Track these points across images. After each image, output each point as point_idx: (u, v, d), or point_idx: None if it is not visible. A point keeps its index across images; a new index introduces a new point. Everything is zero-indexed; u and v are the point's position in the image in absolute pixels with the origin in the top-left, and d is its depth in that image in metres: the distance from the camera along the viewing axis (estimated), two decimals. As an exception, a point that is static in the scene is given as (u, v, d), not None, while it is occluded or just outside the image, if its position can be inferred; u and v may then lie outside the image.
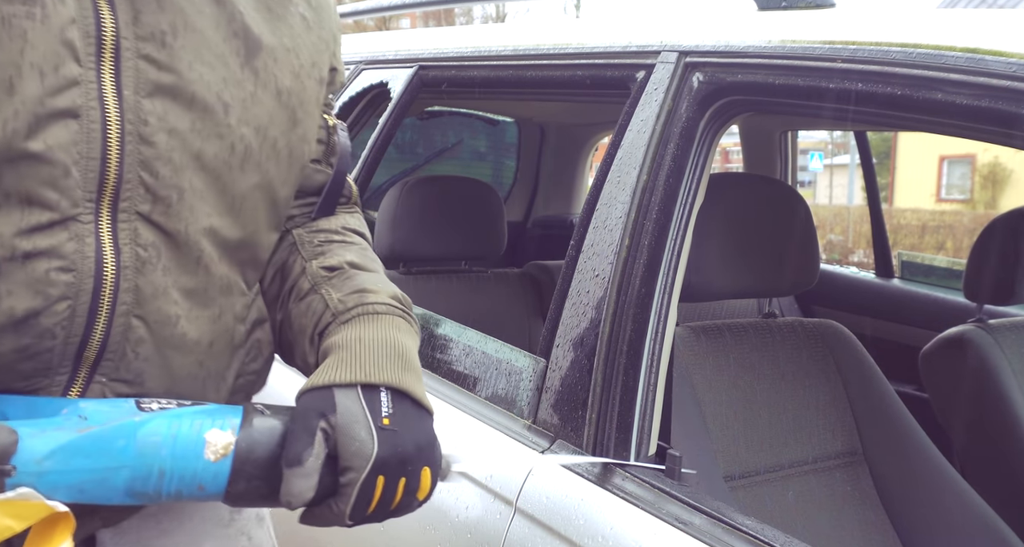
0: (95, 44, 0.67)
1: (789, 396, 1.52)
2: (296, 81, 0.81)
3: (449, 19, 13.41)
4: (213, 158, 0.74)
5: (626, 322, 1.12)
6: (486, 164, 3.43)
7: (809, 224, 1.54)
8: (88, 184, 0.68)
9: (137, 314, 0.72)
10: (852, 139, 3.14)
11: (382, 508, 0.73)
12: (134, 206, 0.70)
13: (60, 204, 0.67)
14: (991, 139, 1.12)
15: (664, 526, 0.98)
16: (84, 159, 0.67)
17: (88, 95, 0.67)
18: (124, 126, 0.68)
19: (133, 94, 0.69)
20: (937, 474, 1.49)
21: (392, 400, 0.74)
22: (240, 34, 0.76)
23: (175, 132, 0.71)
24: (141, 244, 0.71)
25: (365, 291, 0.83)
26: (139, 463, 0.66)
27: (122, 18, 0.69)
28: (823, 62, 1.05)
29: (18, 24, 0.63)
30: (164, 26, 0.71)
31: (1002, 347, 1.76)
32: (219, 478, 0.69)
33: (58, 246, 0.67)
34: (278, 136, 0.79)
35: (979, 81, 0.91)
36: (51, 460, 0.64)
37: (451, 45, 1.72)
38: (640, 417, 1.09)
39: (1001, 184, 18.09)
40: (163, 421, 0.68)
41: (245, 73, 0.76)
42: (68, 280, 0.68)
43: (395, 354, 0.77)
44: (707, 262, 1.37)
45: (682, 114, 1.17)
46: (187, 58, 0.72)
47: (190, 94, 0.72)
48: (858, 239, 12.06)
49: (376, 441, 0.71)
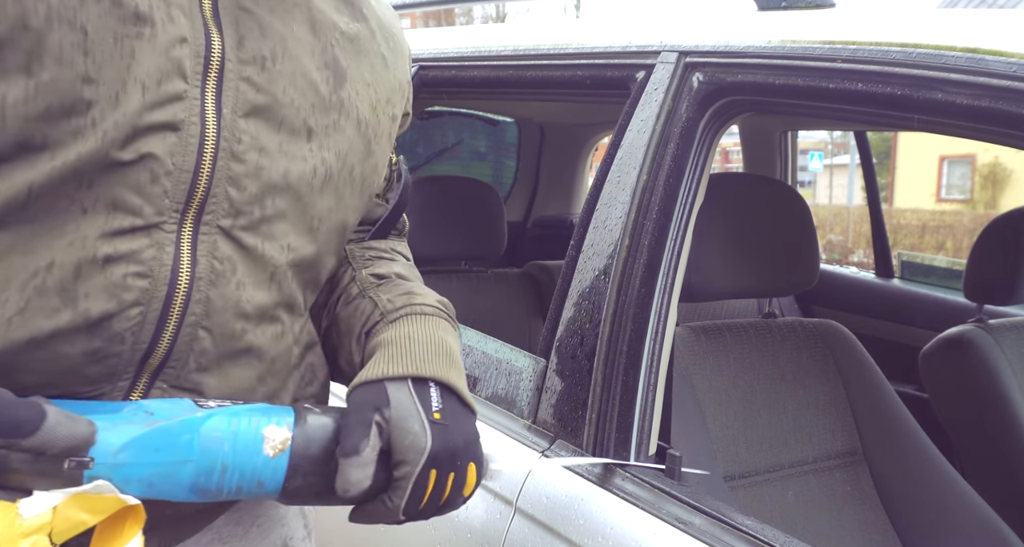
0: (203, 64, 0.70)
1: (789, 396, 1.52)
2: (373, 114, 0.84)
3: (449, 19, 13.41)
4: (297, 179, 0.76)
5: (626, 322, 1.12)
6: (486, 164, 3.43)
7: (809, 224, 1.54)
8: (177, 195, 0.70)
9: (204, 325, 0.73)
10: (852, 139, 3.14)
11: (432, 503, 0.74)
12: (216, 220, 0.72)
13: (144, 210, 0.68)
14: (991, 139, 1.12)
15: (664, 526, 0.98)
16: (177, 170, 0.69)
17: (191, 110, 0.70)
18: (219, 142, 0.71)
19: (231, 113, 0.72)
20: (937, 474, 1.49)
21: (441, 395, 0.75)
22: (330, 64, 0.79)
23: (265, 151, 0.74)
24: (218, 257, 0.73)
25: (413, 293, 0.86)
26: (203, 458, 0.67)
27: (228, 42, 0.72)
28: (823, 62, 1.05)
29: (128, 43, 0.66)
30: (265, 52, 0.74)
31: (1002, 347, 1.76)
32: (277, 473, 0.69)
33: (138, 251, 0.68)
34: (355, 163, 0.82)
35: (979, 81, 0.91)
36: (125, 452, 0.65)
37: (451, 45, 1.72)
38: (640, 417, 1.09)
39: (1001, 184, 18.09)
40: (223, 417, 0.69)
41: (332, 101, 0.79)
42: (143, 286, 0.69)
43: (442, 351, 0.79)
44: (707, 262, 1.37)
45: (682, 114, 1.17)
46: (283, 83, 0.75)
47: (281, 117, 0.75)
48: (858, 239, 12.07)
49: (429, 435, 0.71)
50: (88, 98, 0.65)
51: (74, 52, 0.64)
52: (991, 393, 1.73)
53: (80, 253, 0.66)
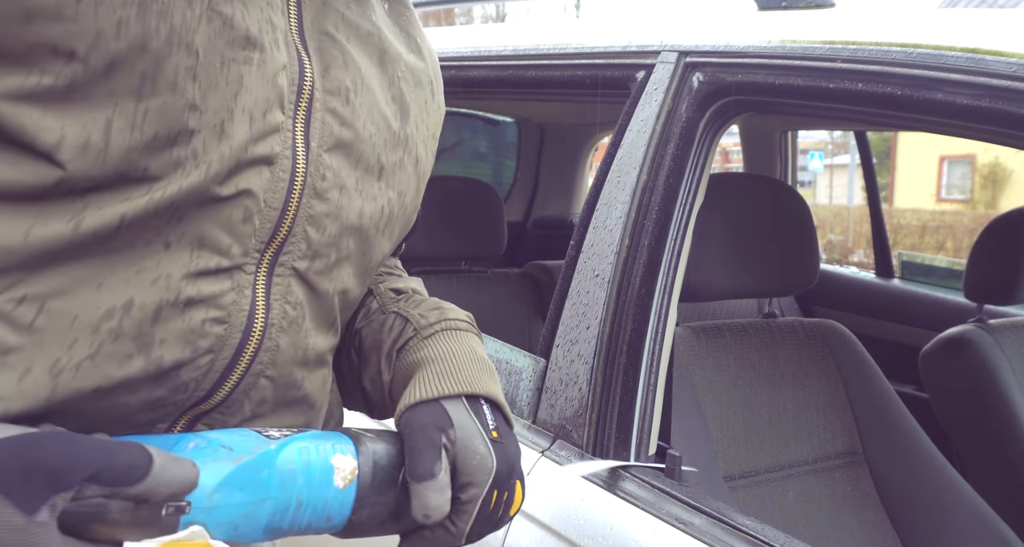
0: (296, 92, 0.66)
1: (789, 396, 1.52)
2: (426, 151, 0.80)
3: (449, 19, 13.41)
4: (368, 220, 0.72)
5: (626, 322, 1.12)
6: (486, 164, 3.43)
7: (809, 224, 1.54)
8: (263, 234, 0.64)
9: (268, 374, 0.68)
10: (852, 139, 3.14)
11: (489, 524, 0.71)
12: (292, 261, 0.67)
13: (232, 250, 0.63)
14: (991, 139, 1.12)
15: (664, 526, 0.98)
16: (268, 208, 0.64)
17: (285, 143, 0.65)
18: (306, 179, 0.66)
19: (318, 146, 0.67)
20: (937, 474, 1.49)
21: (492, 412, 0.73)
22: (397, 99, 0.75)
23: (344, 189, 0.69)
24: (291, 302, 0.68)
25: (443, 308, 0.82)
26: (281, 494, 0.61)
27: (316, 69, 0.67)
28: (823, 62, 1.05)
29: (236, 69, 0.61)
30: (348, 82, 0.69)
31: (1002, 347, 1.76)
32: (344, 506, 0.65)
33: (219, 295, 0.63)
34: (409, 203, 0.78)
35: (979, 81, 0.91)
36: (218, 494, 0.59)
37: (451, 45, 1.72)
38: (640, 417, 1.09)
39: (1001, 184, 18.09)
40: (294, 449, 0.63)
41: (400, 137, 0.75)
42: (219, 332, 0.64)
43: (485, 367, 0.76)
44: (707, 262, 1.37)
45: (682, 114, 1.17)
46: (363, 116, 0.70)
47: (360, 152, 0.70)
48: (858, 239, 12.07)
49: (494, 455, 0.69)
50: (192, 127, 0.59)
51: (186, 77, 0.59)
52: (991, 393, 1.73)
53: (163, 294, 0.61)
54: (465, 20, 14.82)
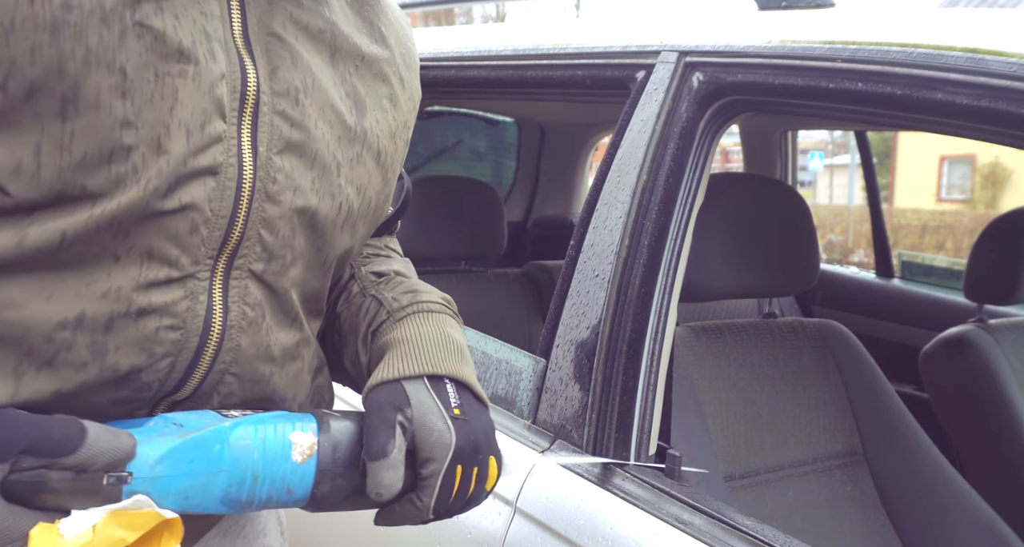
0: (239, 99, 0.66)
1: (789, 396, 1.52)
2: (391, 142, 0.80)
3: (449, 19, 13.41)
4: (323, 218, 0.73)
5: (626, 322, 1.12)
6: (486, 164, 3.43)
7: (809, 224, 1.54)
8: (212, 242, 0.66)
9: (233, 372, 0.71)
10: (852, 139, 3.14)
11: (459, 499, 0.73)
12: (248, 264, 0.69)
13: (180, 261, 0.65)
14: (991, 139, 1.12)
15: (664, 526, 0.98)
16: (215, 217, 0.65)
17: (229, 152, 0.65)
18: (255, 183, 0.67)
19: (266, 150, 0.68)
20: (937, 474, 1.49)
21: (457, 391, 0.74)
22: (351, 94, 0.75)
23: (299, 190, 0.70)
24: (249, 303, 0.70)
25: (417, 291, 0.84)
26: (234, 467, 0.65)
27: (262, 72, 0.67)
28: (823, 62, 1.05)
29: (171, 82, 0.62)
30: (297, 83, 0.70)
31: (1002, 347, 1.76)
32: (305, 479, 0.68)
33: (172, 304, 0.65)
34: (372, 196, 0.79)
35: (979, 81, 0.91)
36: (162, 465, 0.63)
37: (451, 45, 1.72)
38: (640, 417, 1.09)
39: (1001, 184, 18.09)
40: (251, 426, 0.67)
41: (356, 132, 0.75)
42: (175, 338, 0.66)
43: (454, 348, 0.78)
44: (707, 262, 1.37)
45: (682, 114, 1.17)
46: (314, 116, 0.71)
47: (314, 152, 0.71)
48: (858, 239, 12.07)
49: (453, 431, 0.70)
50: (128, 143, 0.61)
51: (112, 95, 0.60)
52: (991, 393, 1.73)
53: (115, 305, 0.63)
54: (465, 20, 14.81)
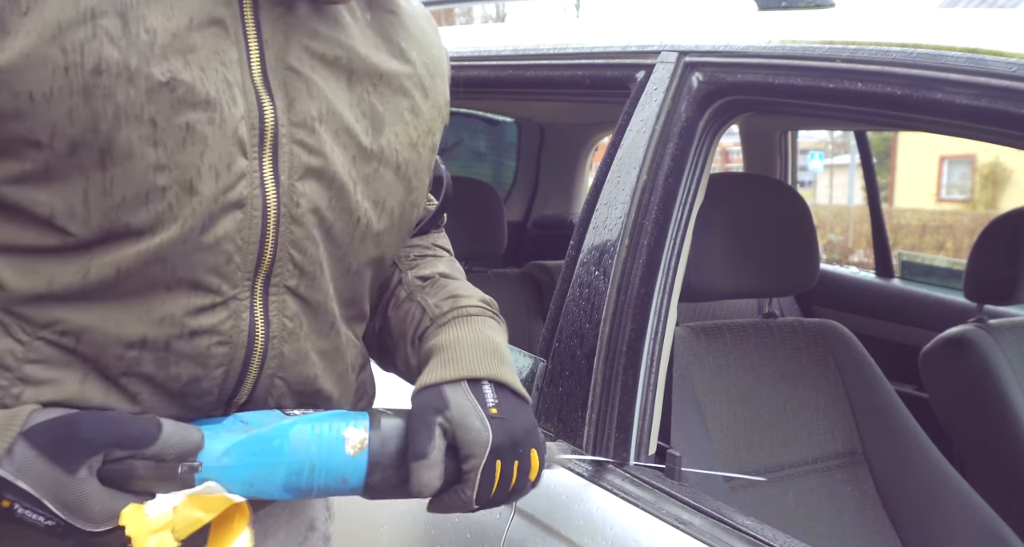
0: (258, 135, 0.73)
1: (789, 396, 1.51)
2: (413, 152, 0.85)
3: (449, 19, 13.41)
4: (341, 231, 0.80)
5: (626, 322, 1.12)
6: (486, 164, 3.43)
7: (809, 224, 1.54)
8: (247, 266, 0.74)
9: (280, 376, 0.79)
10: (852, 139, 3.14)
11: (502, 490, 0.79)
12: (283, 281, 0.77)
13: (221, 287, 0.73)
14: (991, 139, 1.12)
15: (664, 526, 0.98)
16: (246, 244, 0.73)
17: (252, 185, 0.72)
18: (280, 209, 0.74)
19: (288, 178, 0.74)
20: (937, 474, 1.49)
21: (495, 391, 0.81)
22: (368, 114, 0.81)
23: (317, 211, 0.77)
24: (288, 315, 0.78)
25: (458, 296, 0.91)
26: (293, 459, 0.74)
27: (279, 106, 0.74)
28: (823, 62, 1.05)
29: (200, 129, 0.69)
30: (313, 112, 0.76)
31: (1002, 347, 1.76)
32: (358, 470, 0.76)
33: (219, 324, 0.74)
34: (395, 205, 0.85)
35: (979, 81, 0.91)
36: (228, 456, 0.73)
37: (451, 45, 1.72)
38: (640, 417, 1.09)
39: (1001, 184, 18.08)
40: (307, 423, 0.76)
41: (371, 152, 0.81)
42: (225, 351, 0.75)
43: (491, 350, 0.85)
44: (707, 262, 1.37)
45: (682, 114, 1.17)
46: (329, 140, 0.77)
47: (331, 174, 0.77)
48: (858, 239, 12.07)
49: (490, 429, 0.77)
50: (162, 185, 0.68)
51: (143, 144, 0.67)
52: (991, 393, 1.73)
53: (171, 330, 0.72)
54: (465, 20, 14.81)
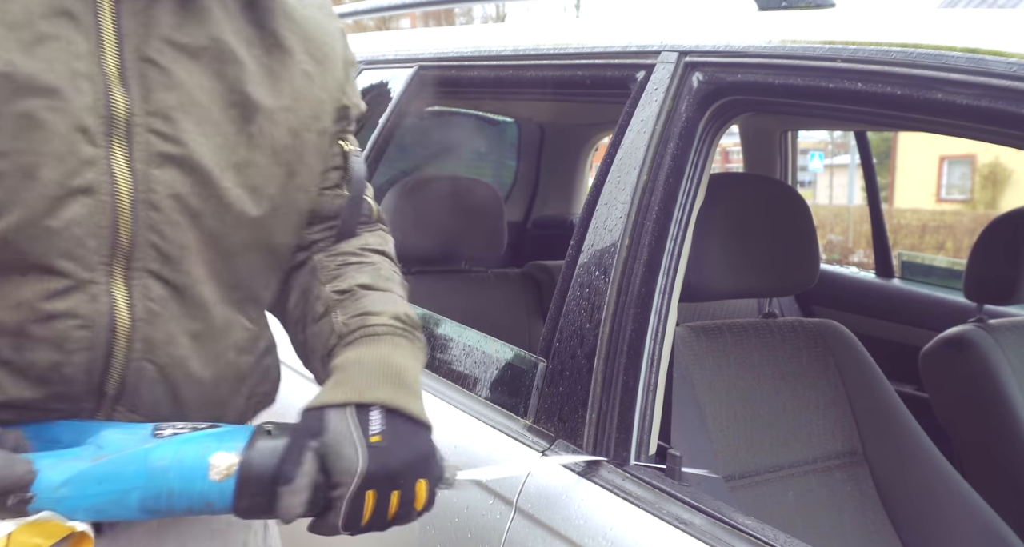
0: (107, 124, 0.75)
1: (789, 396, 1.51)
2: (294, 137, 0.87)
3: (449, 19, 13.41)
4: (210, 217, 0.81)
5: (626, 322, 1.12)
6: (486, 164, 3.43)
7: (809, 224, 1.54)
8: (102, 250, 0.75)
9: (149, 359, 0.79)
10: (852, 139, 3.14)
11: (377, 520, 0.77)
12: (145, 265, 0.78)
13: (76, 272, 0.74)
14: (991, 139, 1.12)
15: (664, 526, 0.98)
16: (99, 228, 0.75)
17: (100, 171, 0.74)
18: (136, 195, 0.76)
19: (143, 166, 0.76)
20: (937, 474, 1.49)
21: (384, 418, 0.78)
22: (238, 103, 0.82)
23: (178, 197, 0.78)
24: (152, 299, 0.78)
25: (368, 314, 0.88)
26: (149, 485, 0.73)
27: (135, 97, 0.76)
28: (823, 62, 1.05)
29: (40, 117, 0.71)
30: (171, 102, 0.78)
31: (1002, 347, 1.76)
32: (224, 495, 0.75)
33: (75, 307, 0.75)
34: (275, 192, 0.85)
35: (979, 81, 0.91)
36: (66, 487, 0.72)
37: (451, 45, 1.72)
38: (640, 417, 1.09)
39: (1001, 184, 18.08)
40: (171, 447, 0.75)
41: (240, 138, 0.82)
42: (85, 335, 0.75)
43: (390, 373, 0.82)
44: (707, 262, 1.37)
45: (682, 114, 1.17)
46: (189, 130, 0.79)
47: (192, 161, 0.79)
48: (858, 239, 12.06)
49: (362, 458, 0.75)
50: (1, 169, 0.70)
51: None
52: (991, 393, 1.73)
53: (27, 314, 0.73)
54: (465, 20, 14.80)
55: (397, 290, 0.95)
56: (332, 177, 0.96)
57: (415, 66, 1.78)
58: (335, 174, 0.96)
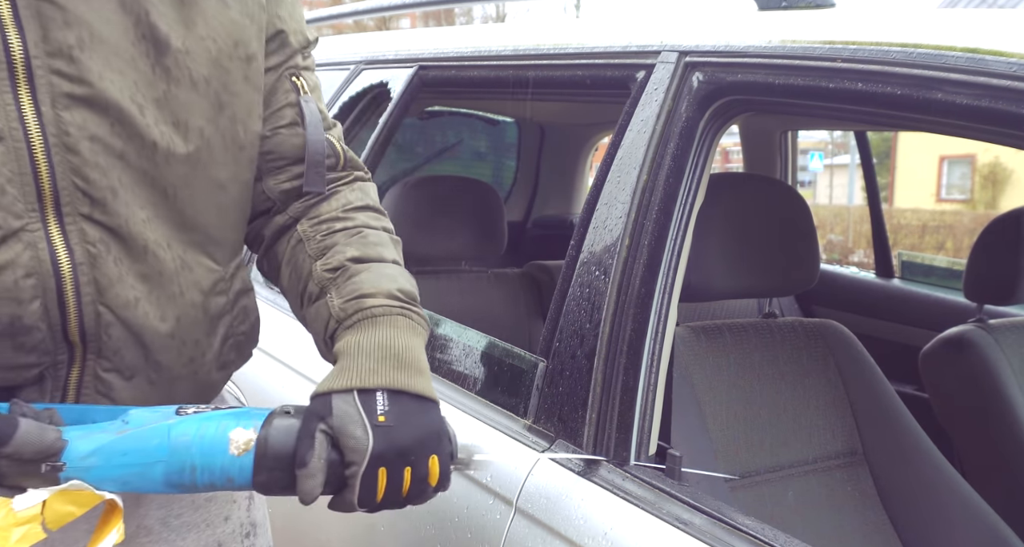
0: (6, 68, 0.73)
1: (789, 396, 1.51)
2: (215, 67, 0.84)
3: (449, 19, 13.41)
4: (136, 156, 0.80)
5: (626, 322, 1.12)
6: (486, 164, 3.43)
7: (809, 224, 1.54)
8: (27, 197, 0.75)
9: (101, 302, 0.80)
10: (852, 139, 3.14)
11: (392, 496, 0.79)
12: (76, 209, 0.78)
13: (6, 221, 0.74)
14: (991, 139, 1.12)
15: (664, 526, 0.98)
16: (17, 176, 0.74)
17: (9, 117, 0.73)
18: (48, 140, 0.75)
19: (51, 109, 0.75)
20: (937, 474, 1.49)
21: (388, 399, 0.80)
22: (148, 36, 0.80)
23: (96, 138, 0.77)
24: (90, 242, 0.79)
25: (363, 296, 0.87)
26: (173, 459, 0.76)
27: (30, 38, 0.74)
28: (823, 62, 1.05)
29: None
30: (72, 40, 0.75)
31: (1002, 347, 1.76)
32: (244, 470, 0.77)
33: (16, 257, 0.75)
34: (203, 124, 0.84)
35: (979, 81, 0.91)
36: (94, 457, 0.76)
37: (451, 45, 1.72)
38: (640, 417, 1.09)
39: (1001, 184, 18.08)
40: (193, 424, 0.78)
41: (157, 73, 0.80)
42: (33, 283, 0.76)
43: (391, 356, 0.83)
44: (707, 262, 1.37)
45: (682, 114, 1.17)
46: (96, 68, 0.76)
47: (104, 101, 0.77)
48: (858, 239, 12.06)
49: (371, 437, 0.77)
50: None
51: None
52: (991, 393, 1.73)
53: None
54: (465, 20, 14.80)
55: (388, 254, 0.93)
56: (287, 114, 0.94)
57: (415, 66, 1.78)
58: (289, 111, 0.94)
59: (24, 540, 0.73)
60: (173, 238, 0.85)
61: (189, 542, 0.99)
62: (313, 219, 0.95)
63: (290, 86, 0.94)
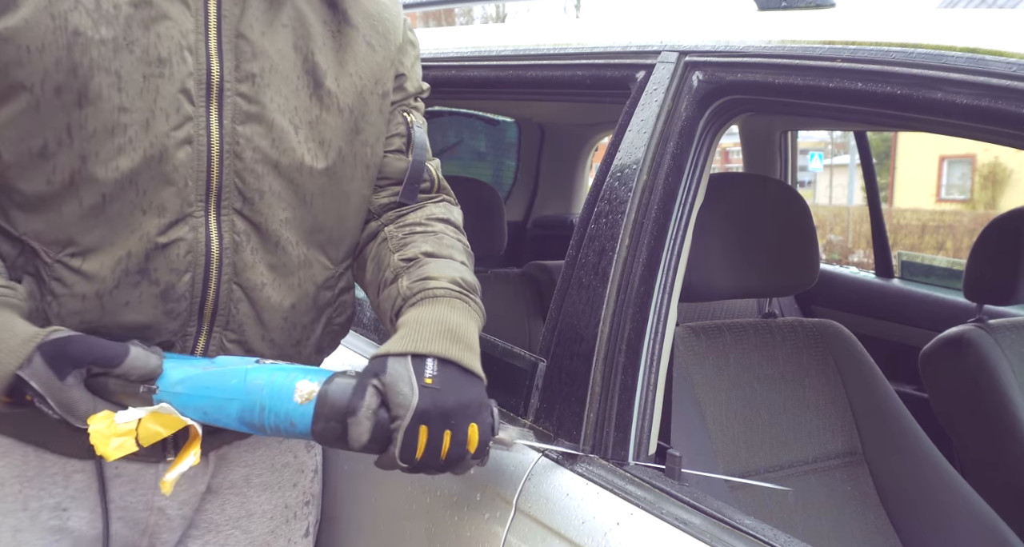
0: (205, 89, 0.94)
1: (789, 396, 1.52)
2: (358, 99, 1.04)
3: (449, 19, 13.40)
4: (287, 167, 0.99)
5: (625, 322, 1.12)
6: (486, 164, 3.43)
7: (809, 224, 1.54)
8: (199, 190, 0.94)
9: (236, 281, 0.98)
10: (852, 139, 3.14)
11: (431, 456, 0.87)
12: (231, 204, 0.97)
13: (182, 207, 0.94)
14: (991, 139, 1.12)
15: (664, 526, 0.98)
16: (197, 173, 0.94)
17: (199, 126, 0.93)
18: (223, 147, 0.94)
19: (231, 122, 0.95)
20: (937, 474, 1.49)
21: (438, 366, 0.89)
22: (310, 71, 1.00)
23: (258, 149, 0.96)
24: (236, 232, 0.97)
25: (428, 278, 1.00)
26: (246, 398, 0.89)
27: (227, 67, 0.95)
28: (823, 62, 1.05)
29: (154, 81, 0.90)
30: (256, 70, 0.96)
31: (1002, 347, 1.76)
32: (305, 418, 0.88)
33: (183, 236, 0.94)
34: (342, 145, 1.03)
35: (979, 81, 0.91)
36: (182, 385, 0.89)
37: (451, 45, 1.72)
38: (640, 417, 1.09)
39: (1001, 184, 18.09)
40: (267, 372, 0.91)
41: (312, 100, 1.00)
42: (190, 259, 0.95)
43: (445, 330, 0.93)
44: (707, 262, 1.37)
45: (682, 114, 1.17)
46: (270, 93, 0.97)
47: (270, 120, 0.97)
48: (858, 239, 12.07)
49: (416, 394, 0.86)
50: (124, 122, 0.89)
51: (110, 90, 0.88)
52: (991, 393, 1.73)
53: (147, 244, 0.92)
54: (465, 20, 14.80)
55: (458, 256, 1.07)
56: (395, 142, 1.12)
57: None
58: (398, 140, 1.13)
59: (119, 450, 0.85)
60: (301, 238, 1.02)
61: (263, 500, 1.16)
62: (399, 224, 1.11)
63: (401, 119, 1.13)
